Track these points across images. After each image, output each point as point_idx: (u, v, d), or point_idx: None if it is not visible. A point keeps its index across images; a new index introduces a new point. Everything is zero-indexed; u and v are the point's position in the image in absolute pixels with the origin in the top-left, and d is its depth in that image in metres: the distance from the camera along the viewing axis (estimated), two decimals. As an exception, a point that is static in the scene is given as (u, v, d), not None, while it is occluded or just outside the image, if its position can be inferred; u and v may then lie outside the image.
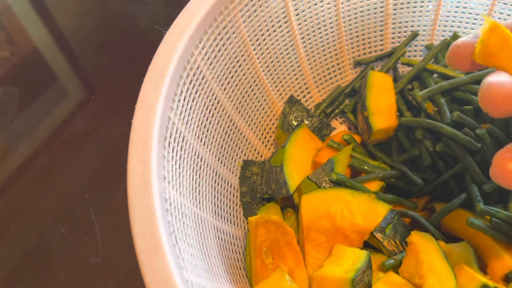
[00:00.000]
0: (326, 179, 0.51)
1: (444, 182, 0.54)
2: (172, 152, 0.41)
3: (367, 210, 0.48)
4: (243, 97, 0.55)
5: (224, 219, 0.49)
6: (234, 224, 0.51)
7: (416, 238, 0.47)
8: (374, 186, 0.54)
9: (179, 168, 0.42)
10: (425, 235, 0.48)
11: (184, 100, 0.44)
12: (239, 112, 0.55)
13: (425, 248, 0.46)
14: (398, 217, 0.50)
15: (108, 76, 0.83)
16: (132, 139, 0.38)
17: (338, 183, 0.52)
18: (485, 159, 0.52)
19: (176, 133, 0.42)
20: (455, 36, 0.62)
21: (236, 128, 0.54)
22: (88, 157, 0.72)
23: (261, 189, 0.54)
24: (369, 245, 0.50)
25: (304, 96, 0.64)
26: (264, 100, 0.59)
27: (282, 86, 0.60)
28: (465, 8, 0.61)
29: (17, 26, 0.94)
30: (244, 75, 0.54)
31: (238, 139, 0.55)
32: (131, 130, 0.38)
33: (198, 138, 0.47)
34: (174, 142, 0.41)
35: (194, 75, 0.46)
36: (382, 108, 0.56)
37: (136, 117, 0.39)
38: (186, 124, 0.44)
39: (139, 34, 0.88)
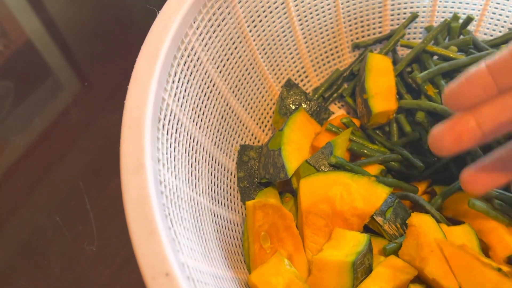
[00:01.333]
0: (325, 163, 0.50)
1: (445, 165, 0.53)
2: (167, 134, 0.40)
3: (367, 193, 0.47)
4: (239, 81, 0.54)
5: (221, 204, 0.48)
6: (231, 209, 0.50)
7: (417, 219, 0.46)
8: (374, 169, 0.53)
9: (174, 151, 0.41)
10: (426, 217, 0.47)
11: (178, 81, 0.43)
12: (236, 95, 0.54)
13: (425, 230, 0.45)
14: (398, 200, 0.50)
15: (102, 64, 0.82)
16: (124, 120, 0.36)
17: (337, 167, 0.51)
18: (486, 141, 0.51)
19: (170, 115, 0.41)
20: (455, 17, 0.61)
21: (232, 112, 0.53)
22: (83, 147, 0.71)
23: (258, 174, 0.53)
24: (370, 229, 0.49)
25: (302, 80, 0.63)
26: (261, 84, 0.57)
27: (279, 69, 0.59)
28: (465, -12, 0.60)
29: (9, 18, 0.92)
30: (240, 57, 0.53)
31: (235, 123, 0.54)
32: (124, 110, 0.37)
33: (193, 121, 0.46)
34: (168, 124, 0.40)
35: (188, 56, 0.44)
36: (382, 91, 0.55)
37: (128, 97, 0.37)
38: (181, 106, 0.43)
39: (132, 20, 0.87)
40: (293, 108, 0.58)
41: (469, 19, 0.60)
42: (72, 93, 0.78)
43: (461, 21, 0.61)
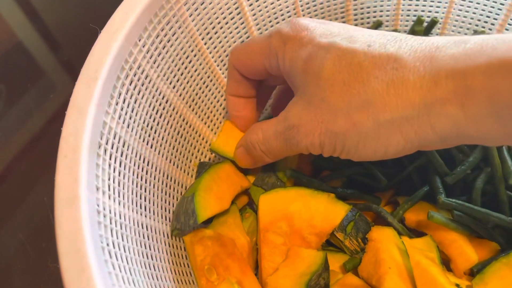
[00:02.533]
0: (271, 180, 0.49)
1: (408, 175, 0.52)
2: (110, 159, 0.38)
3: (326, 210, 0.46)
4: (196, 94, 0.52)
5: (177, 224, 0.47)
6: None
7: (377, 234, 0.45)
8: (335, 181, 0.52)
9: (119, 176, 0.40)
10: (387, 230, 0.47)
11: (123, 102, 0.41)
12: (193, 110, 0.52)
13: (385, 245, 0.44)
14: (360, 213, 0.48)
15: (77, 72, 0.80)
16: (60, 149, 0.35)
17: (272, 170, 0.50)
18: (448, 149, 0.50)
19: (114, 138, 0.39)
20: (419, 21, 0.59)
21: (190, 127, 0.52)
22: (45, 161, 0.69)
23: (171, 225, 0.46)
24: (331, 243, 0.48)
25: (265, 90, 0.61)
26: (222, 96, 0.56)
27: (240, 80, 0.58)
28: (428, -9, 0.59)
29: None
30: (196, 71, 0.52)
31: (194, 139, 0.53)
32: (60, 139, 0.36)
33: (143, 141, 0.44)
34: (112, 148, 0.39)
35: (135, 75, 0.43)
36: None
37: (65, 124, 0.36)
38: (128, 127, 0.42)
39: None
40: None
41: (433, 23, 0.58)
42: (61, 99, 0.77)
43: (425, 24, 0.59)
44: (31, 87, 0.78)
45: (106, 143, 0.38)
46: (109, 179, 0.38)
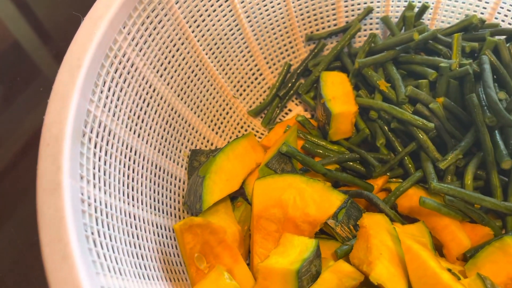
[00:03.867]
0: (287, 167, 0.49)
1: (401, 161, 0.52)
2: (95, 148, 0.38)
3: (320, 199, 0.45)
4: (185, 83, 0.52)
5: (167, 214, 0.47)
6: (179, 219, 0.48)
7: (368, 220, 0.45)
8: (329, 166, 0.52)
9: (105, 165, 0.39)
10: (378, 217, 0.46)
11: (108, 90, 0.41)
12: (182, 99, 0.52)
13: (376, 231, 0.43)
14: (351, 200, 0.48)
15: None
16: (43, 137, 0.35)
17: (290, 158, 0.49)
18: (439, 135, 0.49)
19: (99, 127, 0.39)
20: (410, 6, 0.59)
21: (179, 116, 0.51)
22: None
23: (184, 197, 0.49)
24: (323, 231, 0.48)
25: (256, 79, 0.61)
26: (211, 85, 0.56)
27: (230, 68, 0.57)
28: (419, -25, 0.58)
29: None
30: (184, 59, 0.51)
31: (183, 128, 0.52)
32: (43, 127, 0.35)
33: (130, 130, 0.44)
34: (97, 137, 0.38)
35: (120, 63, 0.42)
36: (339, 95, 0.54)
37: (48, 112, 0.36)
38: (113, 116, 0.41)
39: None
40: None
41: (424, 8, 0.58)
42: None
43: (416, 10, 0.59)
44: (28, 85, 0.78)
45: (91, 132, 0.38)
46: (94, 168, 0.37)
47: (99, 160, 0.38)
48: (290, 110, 0.62)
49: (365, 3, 0.61)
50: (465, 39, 0.54)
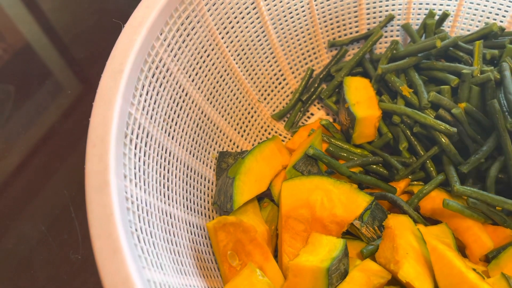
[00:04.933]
0: (313, 169, 0.50)
1: (423, 165, 0.53)
2: (135, 149, 0.40)
3: (347, 200, 0.47)
4: (214, 88, 0.54)
5: (198, 213, 0.49)
6: (208, 218, 0.50)
7: (393, 221, 0.46)
8: (353, 169, 0.53)
9: (144, 165, 0.41)
10: (403, 218, 0.48)
11: (146, 94, 0.43)
12: (211, 103, 0.54)
13: (401, 231, 0.45)
14: (376, 202, 0.50)
15: (96, 69, 0.82)
16: (89, 138, 0.37)
17: (316, 161, 0.51)
18: (461, 139, 0.51)
19: (138, 128, 0.41)
20: (431, 14, 0.60)
21: (208, 119, 0.53)
22: (68, 155, 0.71)
23: (214, 197, 0.51)
24: (348, 231, 0.49)
25: (280, 83, 0.63)
26: (238, 90, 0.57)
27: (256, 74, 0.59)
28: (440, -16, 0.59)
29: (7, 22, 0.92)
30: (213, 65, 0.53)
31: (212, 131, 0.54)
32: (89, 128, 0.37)
33: (165, 132, 0.46)
34: (136, 138, 0.40)
35: (157, 68, 0.44)
36: (363, 100, 0.55)
37: (93, 115, 0.38)
38: (151, 119, 0.43)
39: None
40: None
41: (445, 15, 0.59)
42: (69, 98, 0.78)
43: (437, 17, 0.60)
44: (39, 87, 0.80)
45: (132, 133, 0.40)
46: (134, 168, 0.39)
47: (139, 160, 0.40)
48: (312, 114, 0.63)
49: (387, 10, 0.62)
50: (485, 46, 0.56)
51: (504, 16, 0.59)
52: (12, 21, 0.92)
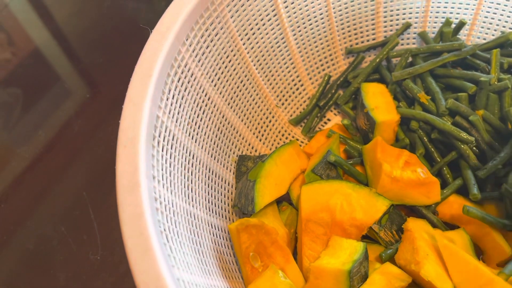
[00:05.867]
0: (332, 173, 0.51)
1: (439, 170, 0.54)
2: (162, 150, 0.41)
3: (367, 204, 0.48)
4: (234, 93, 0.55)
5: (219, 215, 0.49)
6: (229, 220, 0.51)
7: (413, 224, 0.47)
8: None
9: (170, 167, 0.42)
10: (421, 222, 0.48)
11: (172, 98, 0.44)
12: (231, 107, 0.55)
13: (421, 234, 0.46)
14: (394, 206, 0.50)
15: (105, 73, 0.83)
16: (120, 140, 0.38)
17: (335, 166, 0.52)
18: (478, 146, 0.51)
19: (165, 131, 0.42)
20: (448, 22, 0.61)
21: (229, 123, 0.54)
22: (86, 156, 0.72)
23: (234, 199, 0.52)
24: (366, 235, 0.50)
25: (297, 89, 0.64)
26: (257, 95, 0.58)
27: (274, 79, 0.60)
28: (457, -7, 0.60)
29: (17, 27, 0.94)
30: (234, 70, 0.54)
31: (232, 135, 0.55)
32: (119, 130, 0.38)
33: (189, 135, 0.47)
34: (163, 140, 0.41)
35: (182, 73, 0.45)
36: (381, 105, 0.56)
37: (123, 117, 0.39)
38: (176, 122, 0.44)
39: (134, 29, 0.88)
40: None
41: (461, 24, 0.60)
42: (77, 102, 0.80)
43: (453, 26, 0.61)
44: (47, 92, 0.81)
45: (159, 136, 0.41)
46: (162, 169, 0.40)
47: (166, 162, 0.41)
48: (329, 120, 0.64)
49: (404, 19, 0.63)
50: (502, 54, 0.57)
51: (520, 25, 0.60)
52: (22, 26, 0.94)
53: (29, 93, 0.82)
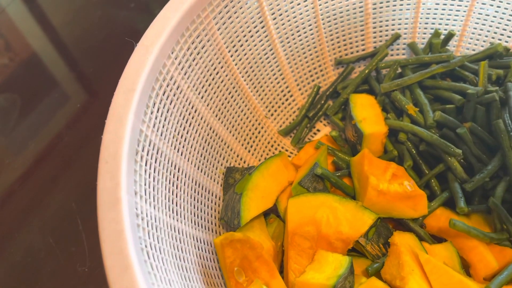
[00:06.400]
0: (319, 186, 0.51)
1: (427, 182, 0.54)
2: (145, 165, 0.41)
3: (353, 218, 0.48)
4: (222, 104, 0.55)
5: (205, 229, 0.49)
6: (215, 233, 0.51)
7: (399, 238, 0.47)
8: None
9: (154, 181, 0.42)
10: (408, 235, 0.48)
11: (157, 111, 0.44)
12: (219, 119, 0.54)
13: (407, 249, 0.45)
14: (381, 219, 0.50)
15: (96, 85, 0.83)
16: (101, 155, 0.37)
17: (322, 178, 0.51)
18: (466, 158, 0.51)
19: (149, 145, 0.42)
20: (437, 34, 0.61)
21: (216, 135, 0.54)
22: (76, 167, 0.72)
23: (221, 212, 0.52)
24: (353, 248, 0.50)
25: (286, 100, 0.64)
26: (246, 106, 0.58)
27: (263, 90, 0.60)
28: (445, 5, 0.60)
29: (14, 32, 0.94)
30: (222, 82, 0.54)
31: (220, 147, 0.55)
32: (101, 146, 0.38)
33: (174, 148, 0.46)
34: (147, 155, 0.41)
35: (167, 86, 0.45)
36: (369, 116, 0.56)
37: (106, 132, 0.39)
38: (161, 135, 0.44)
39: (125, 38, 0.88)
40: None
41: (450, 35, 0.60)
42: (68, 113, 0.79)
43: (442, 37, 0.61)
44: (44, 97, 0.81)
45: (142, 150, 0.40)
46: (145, 184, 0.40)
47: (149, 177, 0.41)
48: (318, 130, 0.64)
49: (393, 30, 0.63)
50: (490, 66, 0.57)
51: (509, 37, 0.60)
52: (20, 32, 0.94)
53: (26, 98, 0.81)
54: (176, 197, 0.45)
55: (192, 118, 0.50)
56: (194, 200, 0.49)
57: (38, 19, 0.95)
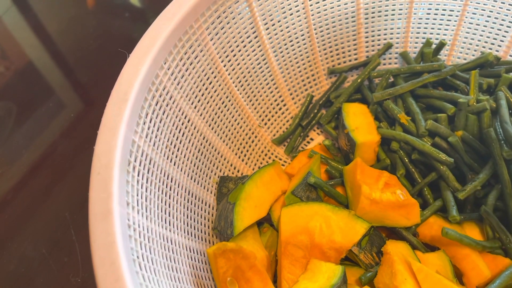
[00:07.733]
0: (312, 195, 0.51)
1: (420, 191, 0.54)
2: (138, 176, 0.41)
3: (346, 227, 0.48)
4: (215, 114, 0.55)
5: (198, 239, 0.49)
6: (209, 243, 0.51)
7: (392, 247, 0.47)
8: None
9: (146, 192, 0.42)
10: (401, 244, 0.48)
11: (150, 122, 0.44)
12: (213, 129, 0.55)
13: (400, 258, 0.46)
14: (374, 228, 0.50)
15: (91, 94, 0.83)
16: (93, 166, 0.37)
17: (315, 187, 0.51)
18: (458, 167, 0.51)
19: (142, 156, 0.42)
20: (428, 43, 0.62)
21: (210, 145, 0.54)
22: (69, 177, 0.72)
23: (214, 222, 0.52)
24: (347, 257, 0.50)
25: (280, 109, 0.64)
26: (239, 115, 0.59)
27: (256, 100, 0.60)
28: (436, 14, 0.61)
29: (9, 40, 0.94)
30: (215, 92, 0.54)
31: (213, 156, 0.55)
32: (93, 156, 0.38)
33: (167, 158, 0.46)
34: (140, 165, 0.41)
35: (160, 96, 0.45)
36: (362, 125, 0.56)
37: (98, 143, 0.39)
38: (154, 146, 0.44)
39: (119, 48, 0.88)
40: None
41: (441, 44, 0.61)
42: (62, 122, 0.79)
43: (434, 46, 0.62)
44: (40, 106, 0.81)
45: (135, 161, 0.40)
46: (137, 195, 0.40)
47: (142, 187, 0.41)
48: (312, 139, 0.64)
49: (385, 39, 0.64)
50: (481, 75, 0.57)
51: (499, 46, 0.61)
52: (16, 40, 0.94)
53: (22, 107, 0.81)
54: (169, 207, 0.45)
55: (185, 127, 0.50)
56: (187, 210, 0.49)
57: (33, 28, 0.95)
